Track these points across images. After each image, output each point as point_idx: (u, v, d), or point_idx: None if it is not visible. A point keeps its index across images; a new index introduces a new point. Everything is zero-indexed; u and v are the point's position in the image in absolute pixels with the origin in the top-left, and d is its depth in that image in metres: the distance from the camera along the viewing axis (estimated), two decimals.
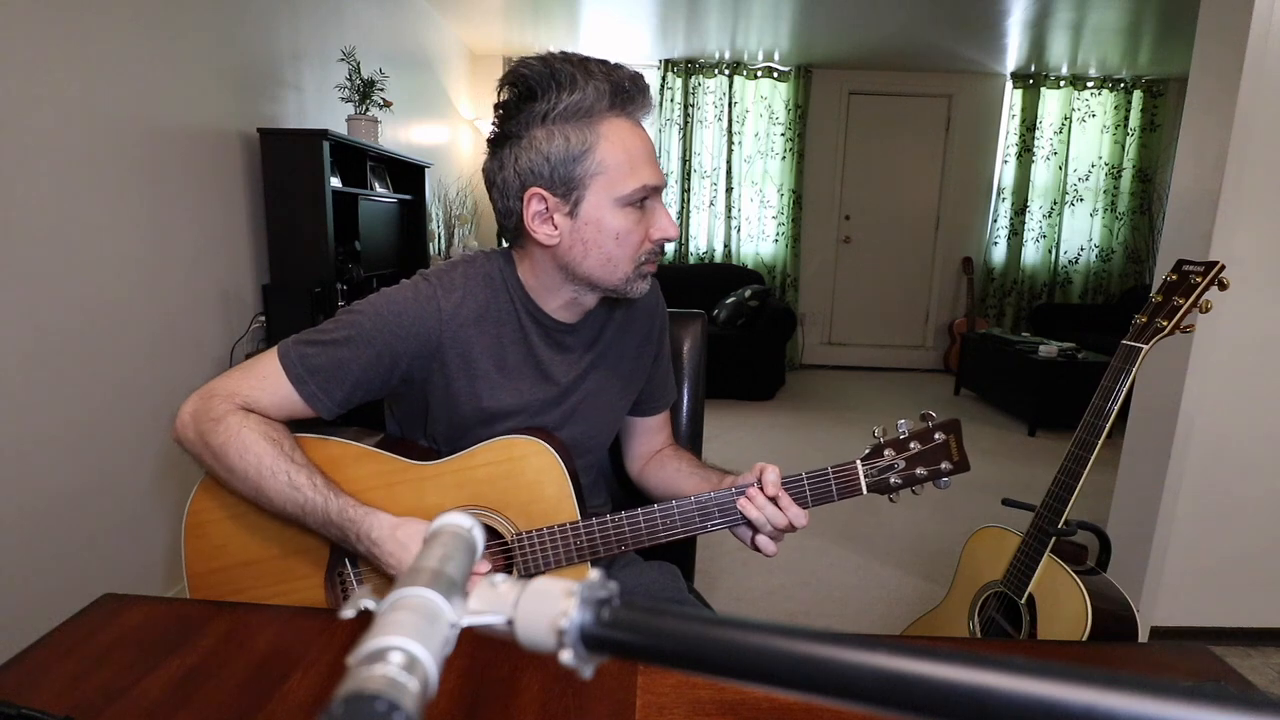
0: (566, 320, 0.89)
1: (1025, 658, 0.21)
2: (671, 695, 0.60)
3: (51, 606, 0.82)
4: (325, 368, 0.79)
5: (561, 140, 0.75)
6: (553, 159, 0.76)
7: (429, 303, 0.82)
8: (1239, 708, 0.18)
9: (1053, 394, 3.78)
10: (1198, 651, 0.70)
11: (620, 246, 0.79)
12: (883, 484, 0.83)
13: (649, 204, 0.80)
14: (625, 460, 1.08)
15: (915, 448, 0.83)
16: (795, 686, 0.24)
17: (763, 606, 2.09)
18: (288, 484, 0.75)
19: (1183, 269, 1.01)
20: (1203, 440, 1.85)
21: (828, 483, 0.83)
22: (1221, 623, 1.96)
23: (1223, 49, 1.73)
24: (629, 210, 0.78)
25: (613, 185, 0.77)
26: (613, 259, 0.80)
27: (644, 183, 0.77)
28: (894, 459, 0.83)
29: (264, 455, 0.75)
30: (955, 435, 0.83)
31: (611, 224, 0.78)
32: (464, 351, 0.84)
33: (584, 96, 0.74)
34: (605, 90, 0.75)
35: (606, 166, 0.76)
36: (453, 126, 4.55)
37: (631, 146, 0.77)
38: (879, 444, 0.84)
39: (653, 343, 1.00)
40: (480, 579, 0.30)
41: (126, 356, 1.81)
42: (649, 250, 0.81)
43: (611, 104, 0.76)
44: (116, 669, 0.61)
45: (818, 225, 5.41)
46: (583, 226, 0.78)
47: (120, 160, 1.77)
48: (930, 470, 0.82)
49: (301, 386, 0.79)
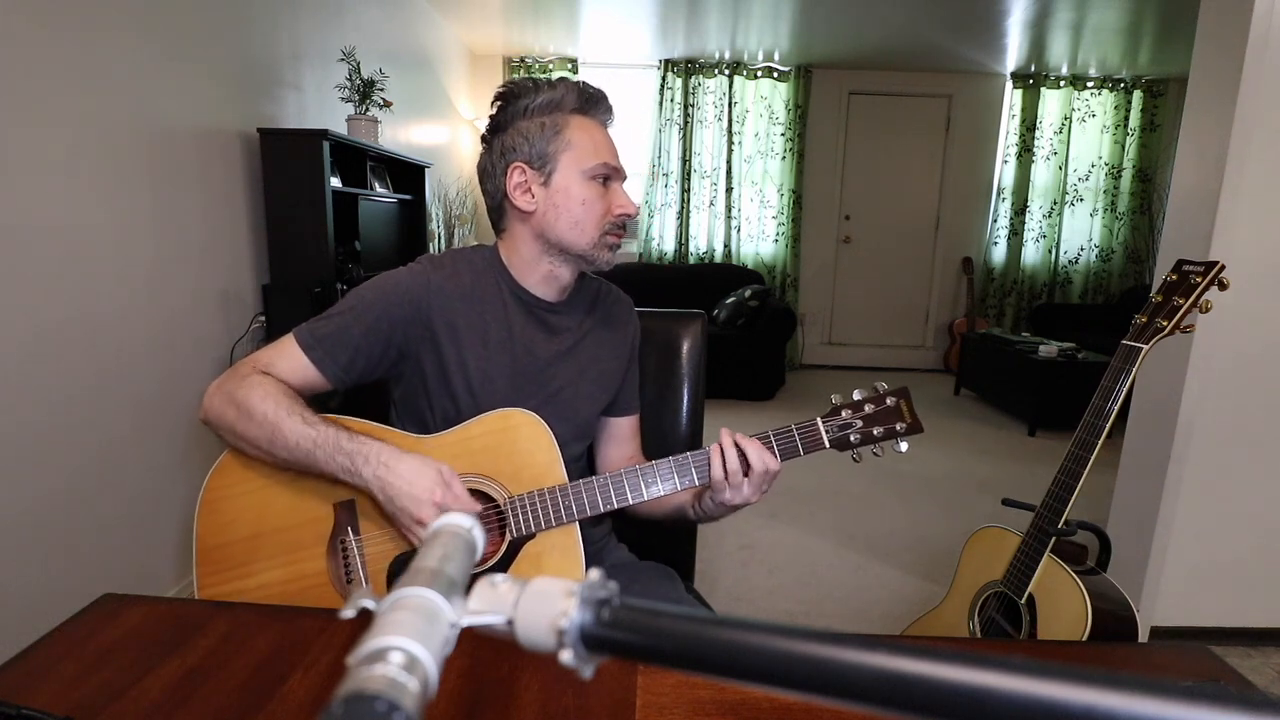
0: (546, 297, 0.99)
1: (1025, 658, 0.21)
2: (671, 695, 0.60)
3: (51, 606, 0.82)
4: (330, 335, 0.91)
5: (538, 125, 0.92)
6: (531, 138, 0.92)
7: (420, 276, 0.94)
8: (1239, 708, 0.18)
9: (1053, 394, 3.79)
10: (1198, 651, 0.70)
11: (586, 212, 0.93)
12: (843, 440, 0.91)
13: (612, 185, 0.95)
14: (598, 467, 1.12)
15: (869, 410, 0.91)
16: (795, 686, 0.24)
17: (763, 606, 2.09)
18: (302, 421, 0.84)
19: (1183, 269, 1.01)
20: (1203, 440, 1.85)
21: (791, 437, 0.91)
22: (1221, 623, 1.96)
23: (1223, 49, 1.73)
24: (592, 184, 0.93)
25: (579, 160, 0.92)
26: (580, 223, 0.93)
27: (604, 160, 0.93)
28: (851, 417, 0.91)
29: (281, 399, 0.85)
30: (905, 399, 0.92)
31: (578, 192, 0.92)
32: (450, 321, 0.93)
33: (556, 94, 0.93)
34: (574, 94, 0.93)
35: (574, 145, 0.92)
36: (453, 127, 4.55)
37: (596, 137, 0.94)
38: (836, 406, 0.93)
39: (627, 348, 1.09)
40: (481, 579, 0.30)
41: (127, 356, 1.81)
42: (611, 222, 0.94)
43: (578, 104, 0.94)
44: (116, 669, 0.61)
45: (818, 225, 5.41)
46: (555, 193, 0.93)
47: (120, 160, 1.77)
48: (885, 429, 0.90)
49: (310, 352, 0.90)
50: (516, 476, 0.90)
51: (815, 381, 5.12)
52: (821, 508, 2.81)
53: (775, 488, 0.95)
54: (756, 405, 4.37)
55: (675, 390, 1.21)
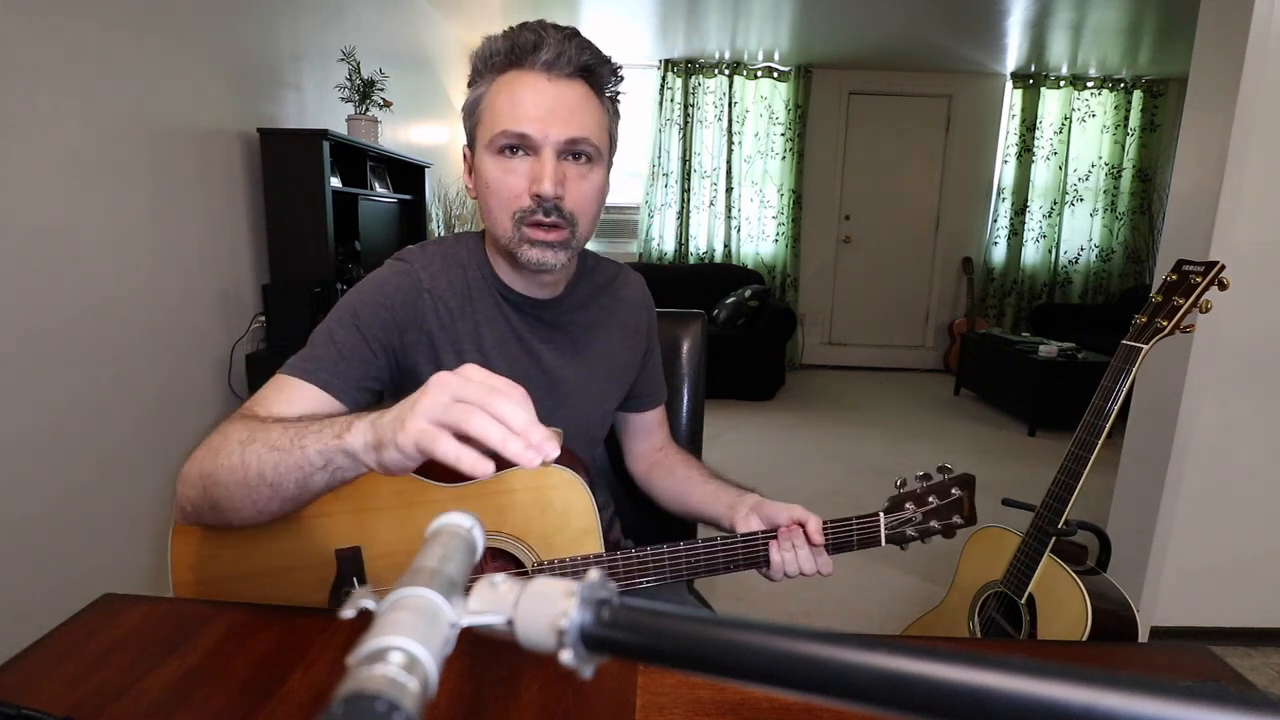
0: (534, 294, 0.87)
1: (1025, 658, 0.21)
2: (671, 695, 0.60)
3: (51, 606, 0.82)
4: (332, 355, 0.77)
5: (469, 95, 0.79)
6: (463, 115, 0.81)
7: (407, 275, 0.83)
8: (1239, 708, 0.18)
9: (1053, 394, 3.78)
10: (1198, 651, 0.70)
11: (493, 196, 0.78)
12: (899, 536, 0.85)
13: (529, 157, 0.76)
14: (626, 459, 1.08)
15: (933, 502, 0.85)
16: (795, 686, 0.24)
17: (763, 606, 2.09)
18: (277, 430, 0.64)
19: (1183, 269, 1.01)
20: (1203, 440, 1.85)
21: (849, 532, 0.84)
22: (1221, 623, 1.96)
23: (1223, 49, 1.73)
24: (499, 158, 0.76)
25: (485, 133, 0.77)
26: (491, 211, 0.79)
27: (504, 127, 0.74)
28: (913, 513, 0.85)
29: (248, 427, 0.66)
30: (969, 491, 0.86)
31: (484, 172, 0.78)
32: (445, 323, 0.83)
33: (482, 51, 0.77)
34: (501, 46, 0.76)
35: (485, 115, 0.77)
36: (453, 126, 4.55)
37: (519, 96, 0.74)
38: (899, 496, 0.85)
39: (641, 338, 0.99)
40: (480, 579, 0.30)
41: (126, 356, 1.81)
42: (526, 207, 0.76)
43: (507, 57, 0.76)
44: (116, 669, 0.61)
45: (818, 225, 5.41)
46: (476, 178, 0.80)
47: (120, 160, 1.77)
48: (943, 524, 0.85)
49: (312, 378, 0.76)
50: (548, 541, 0.80)
51: (815, 381, 5.12)
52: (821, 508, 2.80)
53: (775, 490, 0.94)
54: (756, 405, 4.37)
55: (675, 390, 1.21)
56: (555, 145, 0.75)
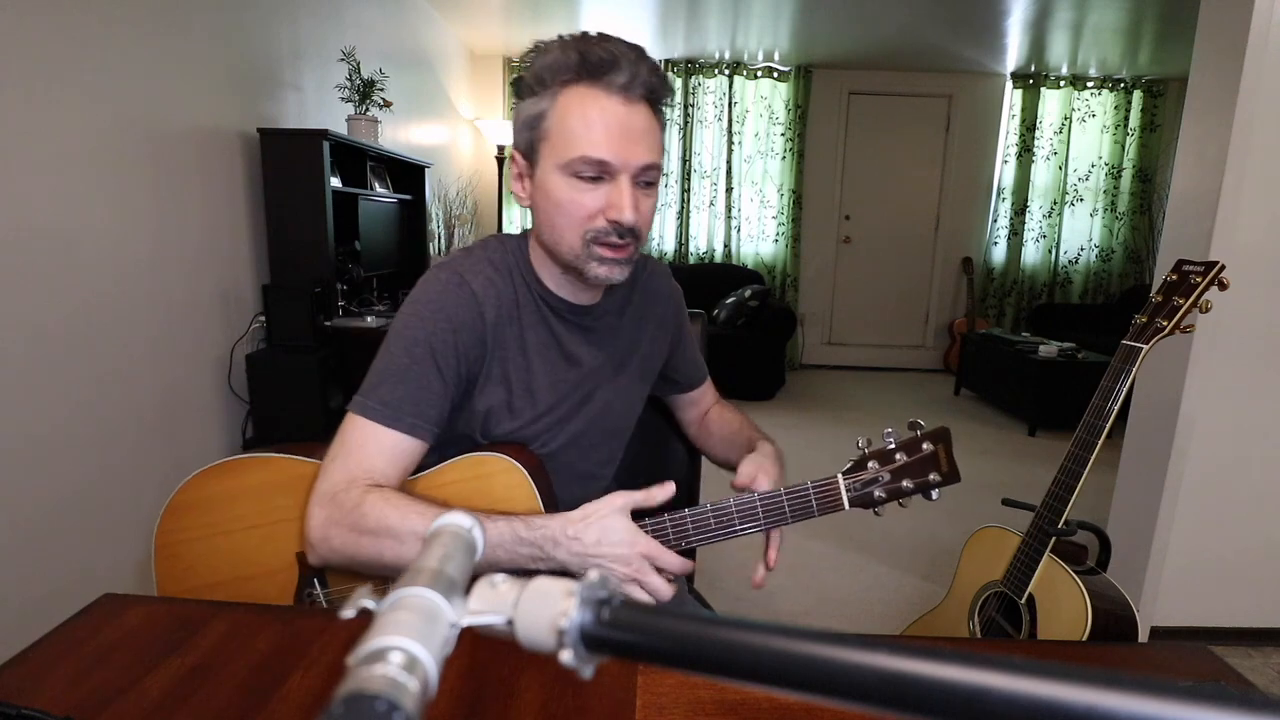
0: (571, 300, 0.87)
1: (1025, 658, 0.21)
2: (671, 695, 0.60)
3: (51, 606, 0.82)
4: (408, 396, 0.77)
5: (529, 105, 0.78)
6: (520, 122, 0.79)
7: (461, 287, 0.81)
8: (1239, 708, 0.18)
9: (1053, 394, 3.78)
10: (1198, 651, 0.70)
11: (562, 215, 0.77)
12: (866, 498, 0.80)
13: (611, 183, 0.76)
14: (682, 429, 1.16)
15: (901, 459, 0.79)
16: (795, 686, 0.24)
17: (763, 606, 2.09)
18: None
19: (1183, 269, 1.01)
20: (1203, 440, 1.85)
21: (807, 498, 0.80)
22: (1221, 623, 1.96)
23: (1223, 49, 1.73)
24: (573, 180, 0.76)
25: (556, 151, 0.76)
26: (556, 228, 0.79)
27: (583, 153, 0.74)
28: (878, 471, 0.80)
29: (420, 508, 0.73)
30: (944, 445, 0.79)
31: (555, 191, 0.77)
32: (495, 332, 0.83)
33: (547, 62, 0.76)
34: (573, 59, 0.74)
35: (555, 132, 0.76)
36: (453, 126, 4.55)
37: (591, 117, 0.74)
38: (863, 455, 0.81)
39: (668, 329, 1.01)
40: (480, 579, 0.30)
41: (127, 356, 1.81)
42: (599, 229, 0.77)
43: (578, 73, 0.74)
44: (116, 669, 0.61)
45: (818, 225, 5.41)
46: (536, 191, 0.80)
47: (120, 160, 1.77)
48: (917, 483, 0.79)
49: (397, 424, 0.77)
50: None
51: (815, 381, 5.12)
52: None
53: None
54: (756, 405, 4.37)
55: None
56: (633, 172, 0.76)
